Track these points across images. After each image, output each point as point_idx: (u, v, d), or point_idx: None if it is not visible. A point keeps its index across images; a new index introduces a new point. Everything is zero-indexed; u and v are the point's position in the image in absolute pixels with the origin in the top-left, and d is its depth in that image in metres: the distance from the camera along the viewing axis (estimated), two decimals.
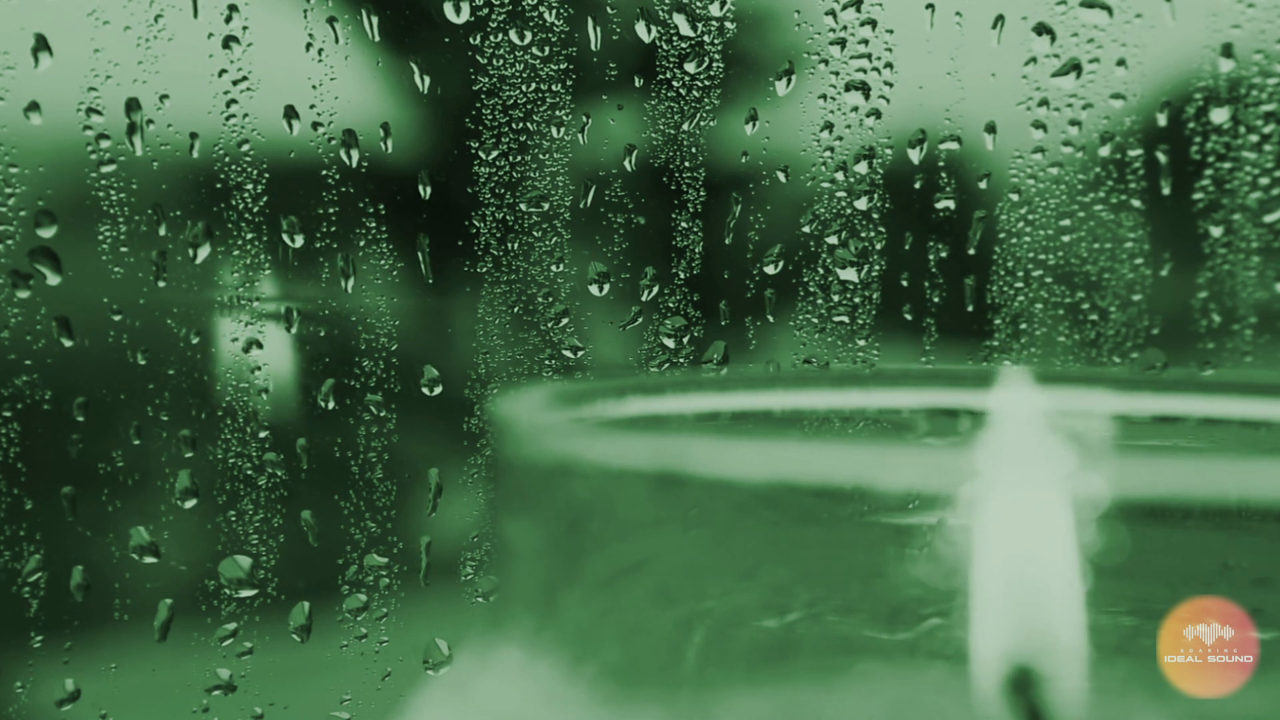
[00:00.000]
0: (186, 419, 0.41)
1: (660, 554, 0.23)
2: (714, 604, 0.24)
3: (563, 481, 0.23)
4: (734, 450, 0.21)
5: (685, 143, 0.42)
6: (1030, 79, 0.40)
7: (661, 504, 0.22)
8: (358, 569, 0.43)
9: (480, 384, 0.43)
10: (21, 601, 0.39)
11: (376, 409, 0.43)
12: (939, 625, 0.25)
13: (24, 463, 0.39)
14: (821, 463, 0.20)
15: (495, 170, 0.42)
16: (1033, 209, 0.41)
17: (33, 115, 0.37)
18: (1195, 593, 0.23)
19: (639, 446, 0.22)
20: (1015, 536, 0.20)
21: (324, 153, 0.41)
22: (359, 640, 0.43)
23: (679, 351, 0.43)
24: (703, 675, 0.23)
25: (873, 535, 0.23)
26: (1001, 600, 0.20)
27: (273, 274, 0.41)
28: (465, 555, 0.44)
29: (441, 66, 0.41)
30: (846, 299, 0.42)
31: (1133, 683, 0.22)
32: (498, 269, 0.43)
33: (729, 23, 0.42)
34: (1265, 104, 0.39)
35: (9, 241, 0.38)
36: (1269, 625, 0.23)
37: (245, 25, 0.39)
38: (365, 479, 0.43)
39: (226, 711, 0.42)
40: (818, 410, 0.32)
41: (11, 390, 0.38)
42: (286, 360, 0.42)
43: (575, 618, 0.23)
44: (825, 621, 0.26)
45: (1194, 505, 0.20)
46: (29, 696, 0.40)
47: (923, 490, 0.20)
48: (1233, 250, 0.40)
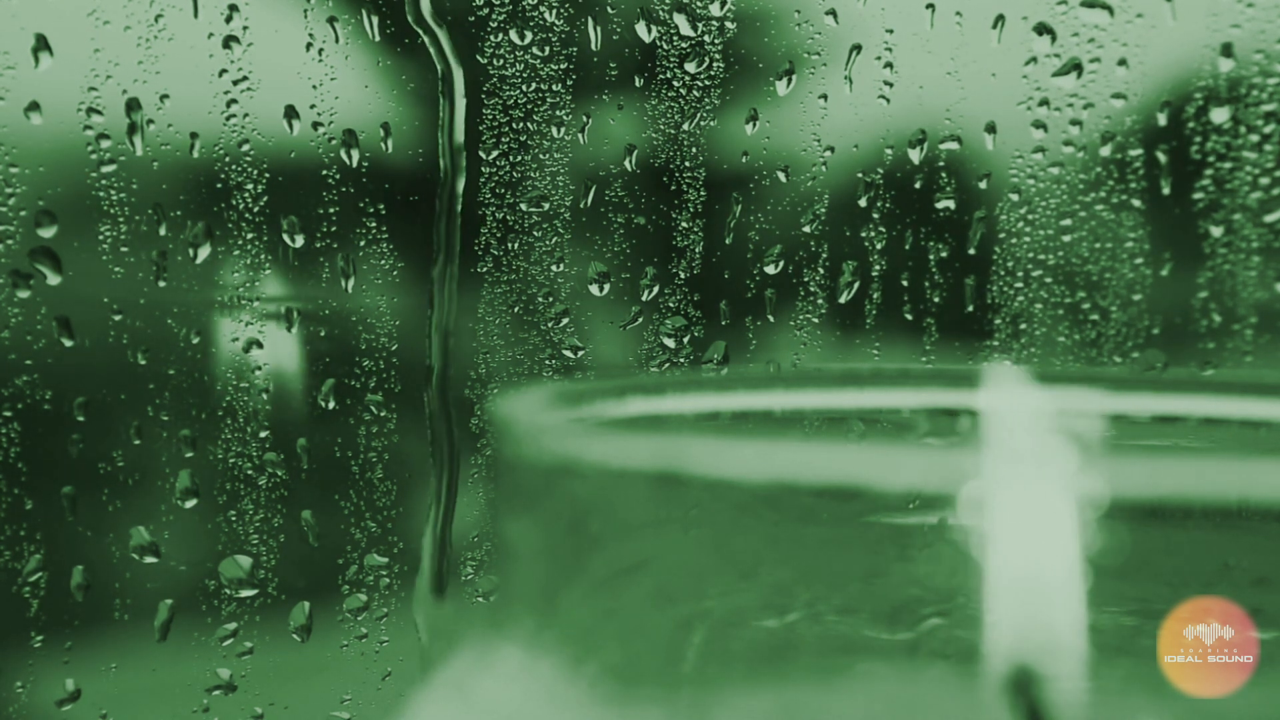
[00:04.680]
0: (186, 419, 0.41)
1: (660, 554, 0.23)
2: (714, 604, 0.24)
3: (563, 481, 0.23)
4: (734, 450, 0.21)
5: (685, 143, 0.42)
6: (1031, 79, 0.40)
7: (662, 504, 0.22)
8: (358, 569, 0.43)
9: (480, 384, 0.43)
10: (22, 601, 0.39)
11: (376, 409, 0.43)
12: (939, 625, 0.25)
13: (24, 463, 0.39)
14: (821, 463, 0.20)
15: (495, 170, 0.42)
16: (1033, 209, 0.41)
17: (33, 115, 0.37)
18: (1195, 592, 0.23)
19: (639, 446, 0.22)
20: (1016, 536, 0.20)
21: (324, 153, 0.41)
22: (359, 640, 0.43)
23: (679, 351, 0.43)
24: (703, 675, 0.23)
25: (873, 535, 0.23)
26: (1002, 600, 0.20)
27: (273, 274, 0.41)
28: (465, 555, 0.44)
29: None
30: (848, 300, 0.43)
31: (1133, 683, 0.22)
32: (498, 269, 0.43)
33: (729, 23, 0.42)
34: (1265, 104, 0.39)
35: (9, 241, 0.38)
36: (1269, 625, 0.23)
37: (245, 25, 0.39)
38: (365, 479, 0.43)
39: (226, 711, 0.42)
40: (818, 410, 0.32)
41: (11, 390, 0.38)
42: (287, 360, 0.42)
43: (575, 618, 0.23)
44: (825, 621, 0.26)
45: (1194, 505, 0.20)
46: (29, 696, 0.40)
47: (923, 490, 0.20)
48: (1233, 250, 0.40)
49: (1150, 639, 0.22)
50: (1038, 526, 0.20)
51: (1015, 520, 0.20)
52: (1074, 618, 0.20)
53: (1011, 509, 0.20)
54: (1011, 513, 0.20)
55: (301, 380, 0.42)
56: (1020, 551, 0.20)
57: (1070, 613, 0.20)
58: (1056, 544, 0.20)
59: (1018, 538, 0.20)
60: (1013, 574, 0.20)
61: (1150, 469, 0.19)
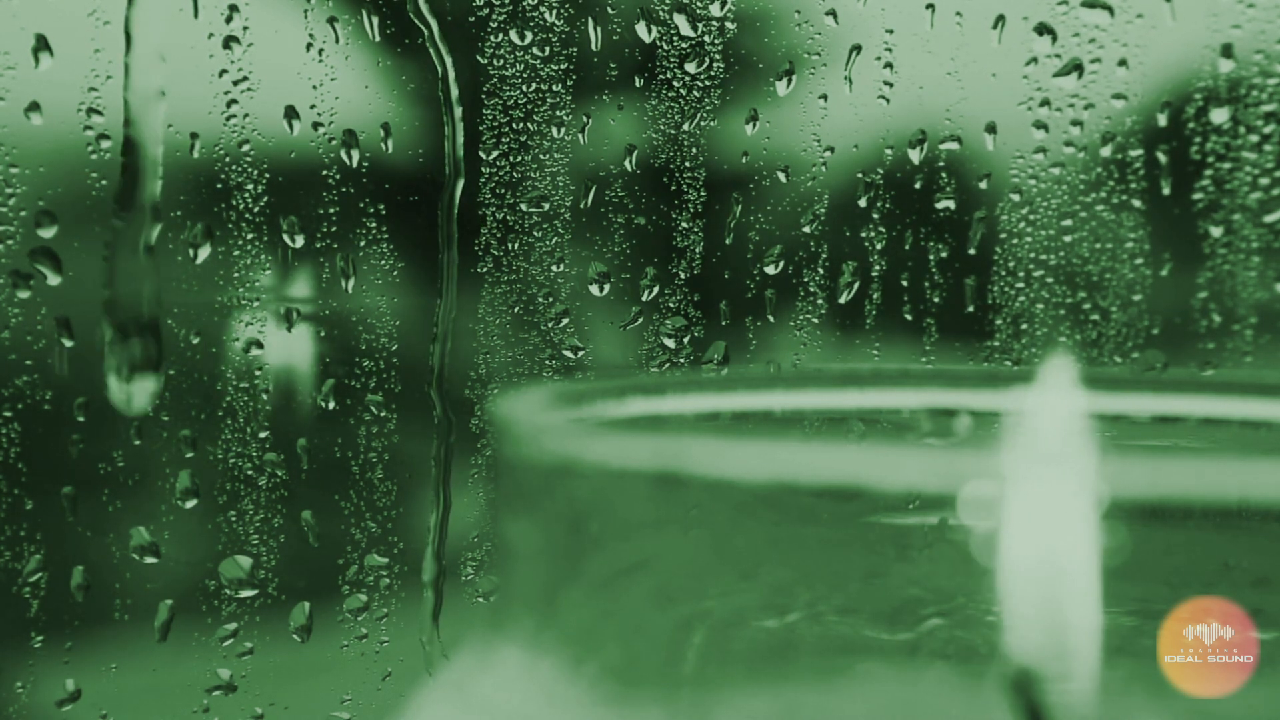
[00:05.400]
0: (186, 419, 0.41)
1: (660, 554, 0.23)
2: (714, 604, 0.24)
3: (563, 482, 0.23)
4: (734, 450, 0.21)
5: (685, 143, 0.42)
6: (1031, 79, 0.40)
7: (662, 504, 0.22)
8: (358, 569, 0.43)
9: (480, 384, 0.43)
10: (22, 601, 0.39)
11: (377, 409, 0.43)
12: (939, 626, 0.25)
13: (24, 463, 0.39)
14: (821, 463, 0.20)
15: (495, 170, 0.42)
16: (1034, 209, 0.41)
17: (33, 115, 0.37)
18: (1195, 593, 0.23)
19: (639, 447, 0.22)
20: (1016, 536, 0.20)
21: (324, 153, 0.41)
22: (359, 640, 0.43)
23: (679, 351, 0.43)
24: (703, 675, 0.23)
25: (873, 535, 0.23)
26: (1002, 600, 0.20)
27: (273, 274, 0.41)
28: (465, 555, 0.44)
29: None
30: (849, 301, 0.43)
31: (1133, 683, 0.22)
32: (498, 269, 0.43)
33: (729, 23, 0.42)
34: (1265, 104, 0.39)
35: (9, 241, 0.38)
36: (1269, 625, 0.23)
37: (245, 25, 0.39)
38: (365, 479, 0.43)
39: (227, 711, 0.42)
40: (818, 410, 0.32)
41: (11, 390, 0.38)
42: (287, 360, 0.42)
43: (575, 618, 0.23)
44: (825, 622, 0.26)
45: (1194, 505, 0.20)
46: (29, 696, 0.40)
47: (923, 490, 0.20)
48: (1233, 250, 0.40)
49: (1150, 639, 0.22)
50: (1038, 527, 0.20)
51: (1015, 520, 0.20)
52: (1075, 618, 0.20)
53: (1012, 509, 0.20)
54: (1012, 513, 0.20)
55: (301, 380, 0.42)
56: (1021, 551, 0.20)
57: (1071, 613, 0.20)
58: (1057, 544, 0.20)
59: (1018, 538, 0.20)
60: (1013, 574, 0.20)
61: (1150, 469, 0.19)
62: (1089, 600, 0.20)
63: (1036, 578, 0.20)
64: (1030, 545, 0.20)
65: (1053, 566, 0.20)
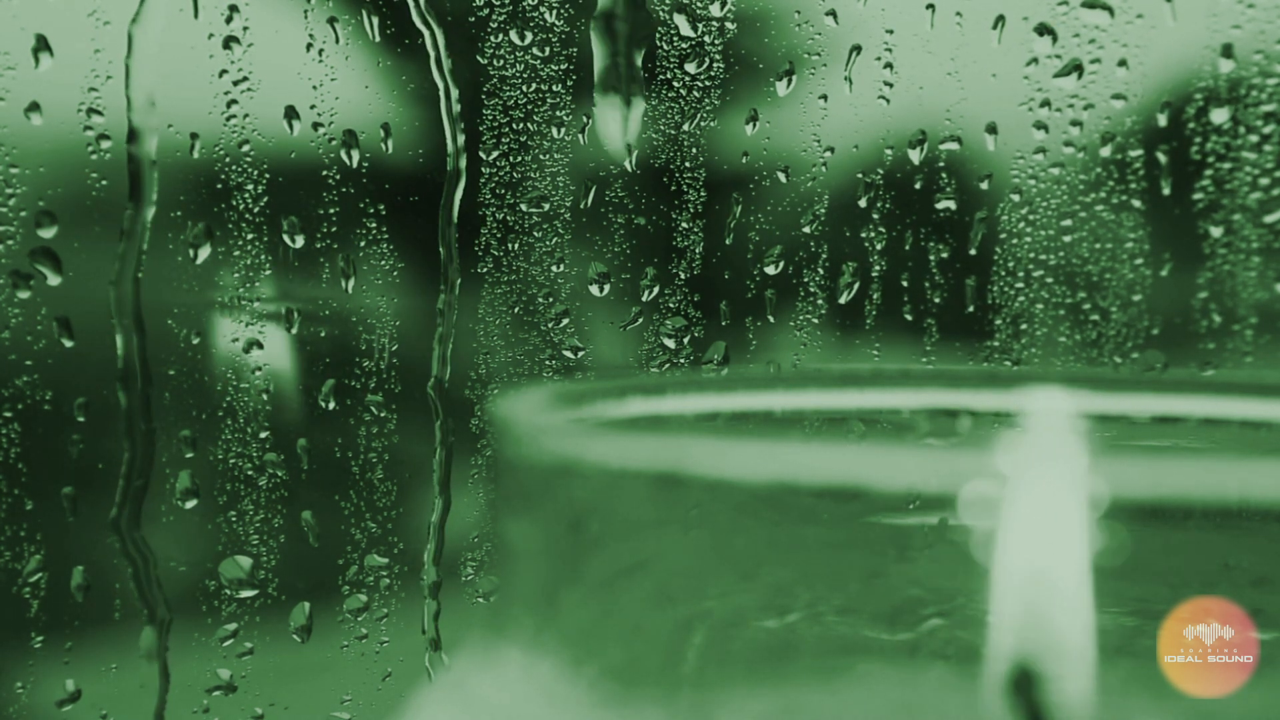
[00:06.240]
0: (187, 419, 0.41)
1: (661, 554, 0.23)
2: (714, 604, 0.24)
3: (563, 482, 0.23)
4: (734, 450, 0.21)
5: (685, 143, 0.42)
6: (1032, 79, 0.40)
7: (662, 504, 0.22)
8: (358, 569, 0.43)
9: (480, 384, 0.43)
10: (22, 602, 0.39)
11: (377, 409, 0.43)
12: (939, 626, 0.25)
13: (24, 463, 0.39)
14: (822, 463, 0.20)
15: (495, 170, 0.42)
16: (1034, 209, 0.41)
17: (33, 115, 0.37)
18: (1196, 593, 0.23)
19: (639, 447, 0.22)
20: (1016, 536, 0.20)
21: (324, 153, 0.41)
22: (359, 640, 0.43)
23: (679, 352, 0.43)
24: (703, 675, 0.23)
25: (873, 535, 0.23)
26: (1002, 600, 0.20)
27: (273, 274, 0.41)
28: (465, 555, 0.44)
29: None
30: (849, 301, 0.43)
31: (1133, 683, 0.22)
32: (498, 269, 0.43)
33: (729, 23, 0.42)
34: (1265, 104, 0.39)
35: (9, 241, 0.38)
36: (1269, 625, 0.23)
37: (245, 25, 0.39)
38: (365, 479, 0.43)
39: (227, 711, 0.42)
40: (818, 411, 0.32)
41: (11, 390, 0.38)
42: (287, 361, 0.42)
43: (576, 618, 0.23)
44: (825, 622, 0.26)
45: (1194, 505, 0.20)
46: (29, 696, 0.40)
47: (923, 491, 0.20)
48: (1233, 250, 0.40)
49: (1150, 639, 0.22)
50: (1038, 527, 0.20)
51: (1016, 520, 0.20)
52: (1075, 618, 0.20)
53: (1012, 509, 0.20)
54: (1012, 513, 0.20)
55: (302, 381, 0.42)
56: (1021, 551, 0.20)
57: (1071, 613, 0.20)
58: (1057, 544, 0.20)
59: (1018, 538, 0.20)
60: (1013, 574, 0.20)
61: (1150, 469, 0.19)
62: (1089, 600, 0.20)
63: (1037, 578, 0.20)
64: (1030, 545, 0.20)
65: (1053, 567, 0.20)
